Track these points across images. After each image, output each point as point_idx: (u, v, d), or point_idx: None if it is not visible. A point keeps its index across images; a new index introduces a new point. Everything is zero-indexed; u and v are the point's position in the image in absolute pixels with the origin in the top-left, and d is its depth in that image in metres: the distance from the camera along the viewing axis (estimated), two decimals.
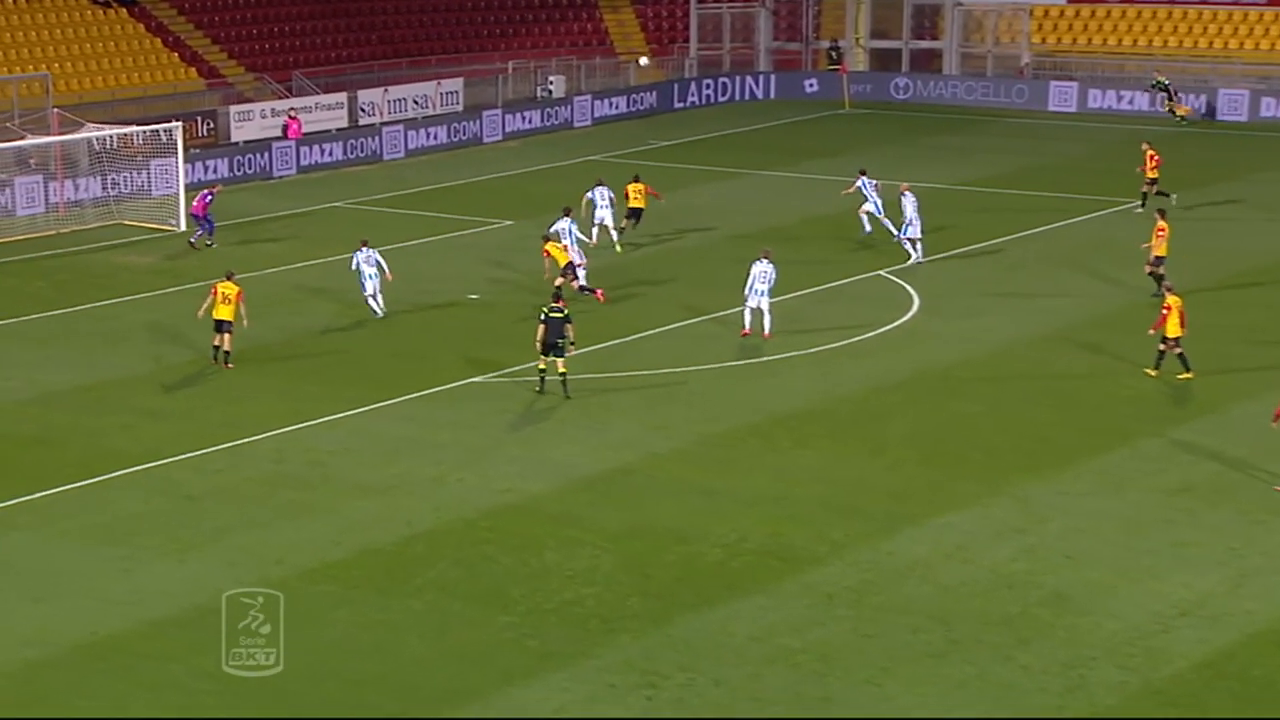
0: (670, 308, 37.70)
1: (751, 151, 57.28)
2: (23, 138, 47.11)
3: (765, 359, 34.20)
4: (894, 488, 27.50)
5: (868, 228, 42.90)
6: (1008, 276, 41.04)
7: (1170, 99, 61.70)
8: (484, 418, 30.86)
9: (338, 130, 56.54)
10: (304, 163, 54.04)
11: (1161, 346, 32.39)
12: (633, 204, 43.28)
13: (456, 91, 60.67)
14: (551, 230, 38.33)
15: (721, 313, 37.08)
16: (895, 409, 31.45)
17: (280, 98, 58.00)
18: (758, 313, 35.28)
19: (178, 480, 27.66)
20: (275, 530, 25.68)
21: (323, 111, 57.03)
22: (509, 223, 46.30)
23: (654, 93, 65.10)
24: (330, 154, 54.91)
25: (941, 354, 34.63)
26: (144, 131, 47.92)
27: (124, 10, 60.09)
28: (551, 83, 63.32)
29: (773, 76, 68.86)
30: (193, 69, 59.83)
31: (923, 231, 41.11)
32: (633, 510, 26.55)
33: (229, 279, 33.62)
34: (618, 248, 42.39)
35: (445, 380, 32.70)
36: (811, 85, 68.24)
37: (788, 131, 61.79)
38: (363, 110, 58.03)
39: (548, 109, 61.72)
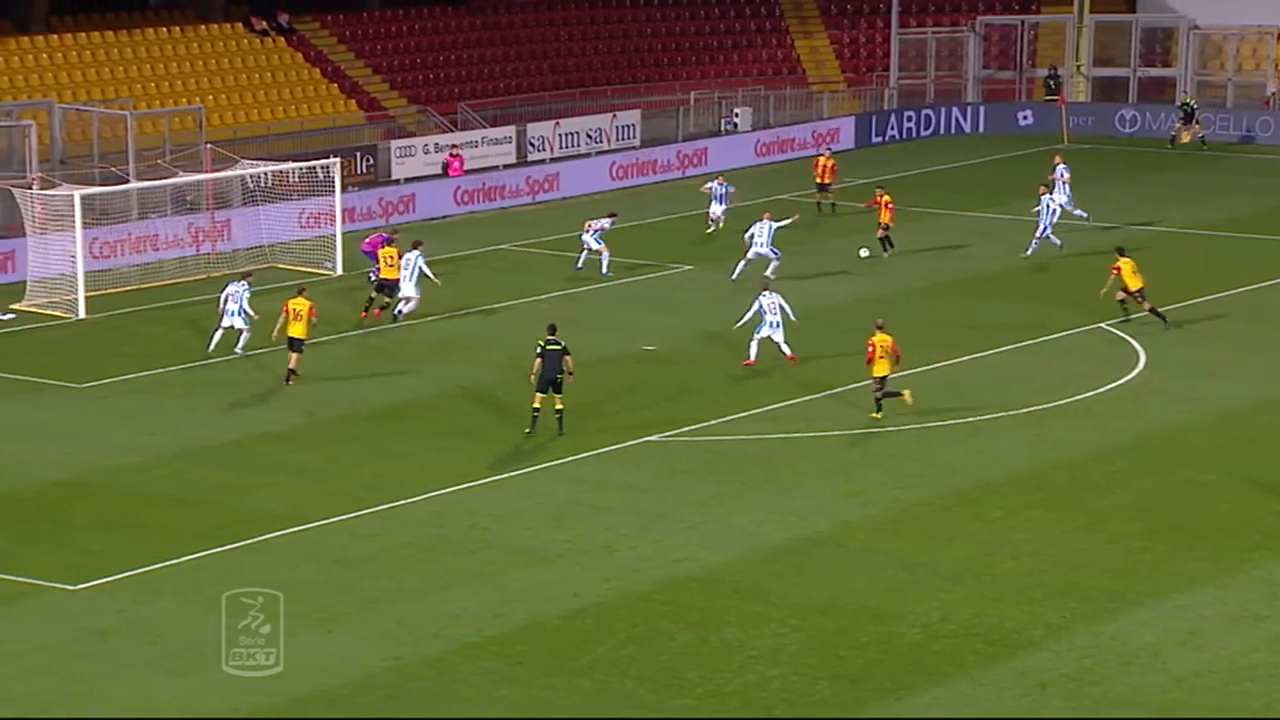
0: (860, 363, 37.39)
1: (957, 191, 56.84)
2: (174, 175, 48.38)
3: (971, 419, 33.83)
4: (1116, 564, 27.01)
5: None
6: (1247, 330, 40.21)
7: (1185, 123, 60.59)
8: (659, 480, 30.90)
9: (505, 166, 57.27)
10: (468, 201, 54.75)
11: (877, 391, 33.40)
12: (884, 220, 46.95)
13: (633, 124, 61.10)
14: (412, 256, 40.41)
15: (922, 369, 36.74)
16: (1118, 477, 30.93)
17: (444, 131, 58.94)
18: (766, 342, 35.94)
19: (327, 545, 28.07)
20: (432, 600, 25.92)
21: (489, 146, 57.79)
22: (688, 267, 46.44)
23: (850, 126, 64.94)
24: (497, 192, 55.56)
25: (1170, 416, 34.04)
26: (300, 168, 48.92)
27: (281, 39, 61.57)
28: (737, 115, 63.48)
29: (982, 108, 68.33)
30: (352, 101, 61.02)
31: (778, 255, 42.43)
32: (822, 584, 26.39)
33: (301, 294, 35.62)
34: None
35: (617, 439, 32.81)
36: (1026, 118, 67.57)
37: (998, 169, 61.21)
38: (532, 145, 58.69)
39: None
